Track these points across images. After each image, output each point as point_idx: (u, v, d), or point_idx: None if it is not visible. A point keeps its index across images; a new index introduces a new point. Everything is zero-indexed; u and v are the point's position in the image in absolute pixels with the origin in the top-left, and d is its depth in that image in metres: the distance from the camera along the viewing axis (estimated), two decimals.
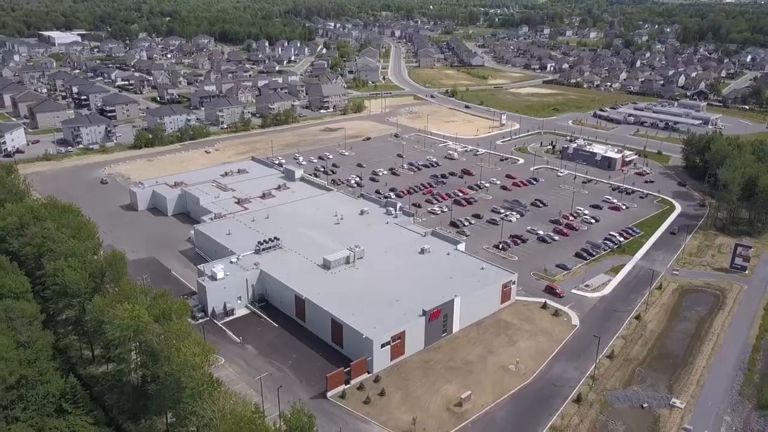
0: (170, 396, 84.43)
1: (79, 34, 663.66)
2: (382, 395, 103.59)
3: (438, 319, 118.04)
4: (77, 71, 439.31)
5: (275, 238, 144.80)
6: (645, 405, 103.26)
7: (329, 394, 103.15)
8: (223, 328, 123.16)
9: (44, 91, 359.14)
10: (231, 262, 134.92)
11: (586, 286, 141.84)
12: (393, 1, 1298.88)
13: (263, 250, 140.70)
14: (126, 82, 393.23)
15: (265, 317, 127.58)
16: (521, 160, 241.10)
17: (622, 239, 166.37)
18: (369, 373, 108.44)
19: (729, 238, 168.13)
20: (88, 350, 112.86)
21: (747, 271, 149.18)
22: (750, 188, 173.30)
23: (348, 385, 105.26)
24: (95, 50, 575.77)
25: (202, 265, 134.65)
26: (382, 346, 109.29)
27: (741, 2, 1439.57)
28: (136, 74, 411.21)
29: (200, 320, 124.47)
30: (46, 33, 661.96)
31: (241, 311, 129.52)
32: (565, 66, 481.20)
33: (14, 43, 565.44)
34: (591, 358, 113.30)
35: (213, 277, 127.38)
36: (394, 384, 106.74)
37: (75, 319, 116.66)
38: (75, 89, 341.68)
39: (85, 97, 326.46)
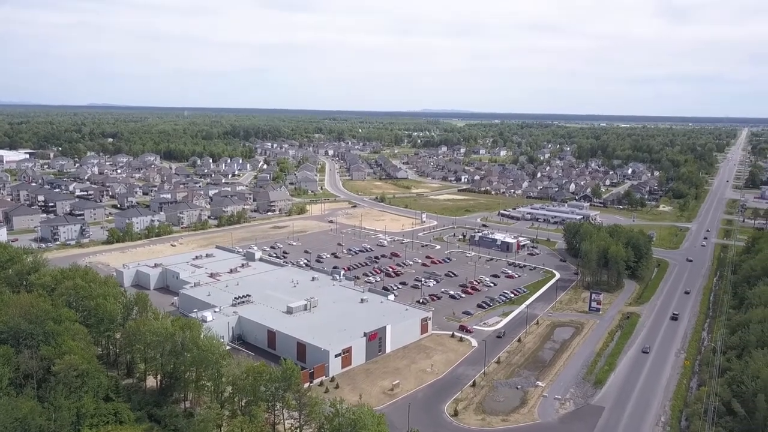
0: (192, 377, 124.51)
1: (26, 153, 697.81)
2: (337, 387, 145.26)
3: (375, 340, 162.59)
4: (34, 184, 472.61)
5: (247, 295, 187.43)
6: (519, 386, 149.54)
7: None
8: None
9: (9, 200, 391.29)
10: (215, 312, 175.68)
11: (484, 323, 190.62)
12: (324, 125, 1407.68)
13: (239, 303, 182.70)
14: (85, 193, 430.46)
15: (244, 350, 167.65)
16: (438, 246, 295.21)
17: (513, 295, 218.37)
18: (326, 376, 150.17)
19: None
20: (114, 371, 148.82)
21: (600, 312, 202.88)
22: (605, 257, 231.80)
23: (311, 383, 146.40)
24: (45, 167, 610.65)
25: (194, 312, 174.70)
26: (336, 356, 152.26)
27: (632, 126, 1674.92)
28: (94, 186, 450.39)
29: None
30: None
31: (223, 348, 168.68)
32: (477, 177, 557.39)
33: None
34: (484, 364, 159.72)
35: (204, 320, 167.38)
36: (345, 382, 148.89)
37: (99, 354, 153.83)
38: (41, 197, 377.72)
39: (52, 204, 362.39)
